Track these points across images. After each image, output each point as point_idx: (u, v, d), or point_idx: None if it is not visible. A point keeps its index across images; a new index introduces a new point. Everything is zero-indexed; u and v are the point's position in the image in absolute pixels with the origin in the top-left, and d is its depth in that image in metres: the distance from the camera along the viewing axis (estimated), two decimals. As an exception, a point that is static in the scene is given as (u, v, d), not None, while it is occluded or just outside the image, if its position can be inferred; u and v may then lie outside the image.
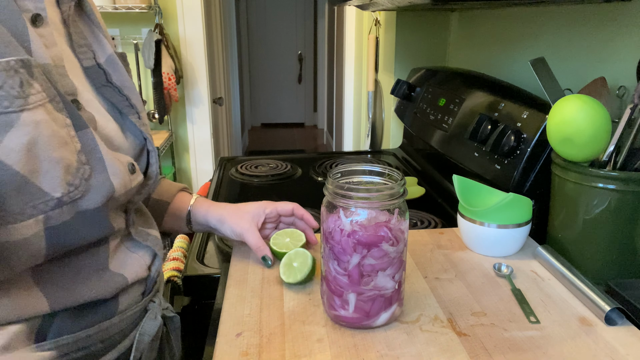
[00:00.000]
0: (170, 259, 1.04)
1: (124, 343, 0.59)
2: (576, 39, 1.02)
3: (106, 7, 2.40)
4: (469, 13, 1.54)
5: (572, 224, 0.80)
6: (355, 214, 0.62)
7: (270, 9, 5.98)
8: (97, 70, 0.58)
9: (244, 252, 0.86)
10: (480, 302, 0.71)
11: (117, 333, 0.58)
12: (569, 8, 1.03)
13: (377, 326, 0.65)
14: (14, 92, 0.42)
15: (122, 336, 0.59)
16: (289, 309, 0.69)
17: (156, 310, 0.64)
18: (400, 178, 0.63)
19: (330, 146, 4.96)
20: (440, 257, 0.85)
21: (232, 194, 1.32)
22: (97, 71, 0.58)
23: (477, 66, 1.46)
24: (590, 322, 0.66)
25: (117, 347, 0.58)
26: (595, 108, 0.74)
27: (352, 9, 2.81)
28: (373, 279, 0.62)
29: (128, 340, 0.60)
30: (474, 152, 1.09)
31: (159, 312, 0.64)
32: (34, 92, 0.44)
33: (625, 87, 0.84)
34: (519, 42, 1.24)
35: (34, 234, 0.47)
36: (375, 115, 2.10)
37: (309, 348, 0.61)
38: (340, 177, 0.66)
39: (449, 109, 1.27)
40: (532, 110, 0.96)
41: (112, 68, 0.59)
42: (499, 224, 0.82)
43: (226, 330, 0.65)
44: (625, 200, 0.74)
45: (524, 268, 0.81)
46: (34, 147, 0.44)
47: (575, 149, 0.76)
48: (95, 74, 0.57)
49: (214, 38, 3.10)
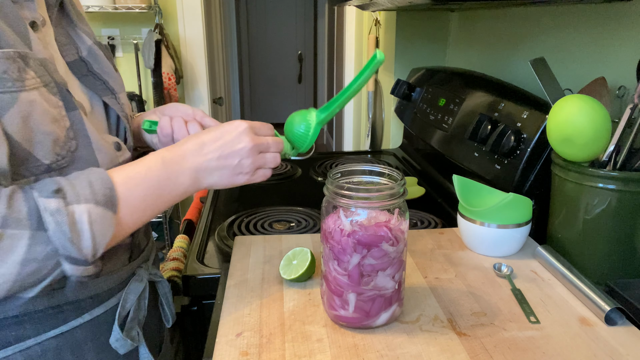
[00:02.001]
0: (170, 259, 1.04)
1: (112, 300, 0.66)
2: (576, 39, 1.02)
3: (106, 7, 2.40)
4: (469, 13, 1.53)
5: (572, 224, 0.80)
6: (355, 214, 0.62)
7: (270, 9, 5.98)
8: (80, 62, 0.66)
9: (244, 252, 0.87)
10: (480, 302, 0.71)
11: (105, 291, 0.65)
12: (569, 8, 1.03)
13: (377, 326, 0.65)
14: (14, 75, 0.52)
15: (110, 294, 0.66)
16: (289, 309, 0.69)
17: (143, 274, 0.70)
18: (400, 178, 0.63)
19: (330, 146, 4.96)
20: (440, 257, 0.85)
21: (232, 194, 1.32)
22: (79, 64, 0.66)
23: (477, 66, 1.46)
24: (590, 322, 0.66)
25: (105, 303, 0.65)
26: (595, 108, 0.74)
27: (352, 9, 2.81)
28: (373, 279, 0.62)
29: (115, 299, 0.66)
30: (474, 152, 1.09)
31: (146, 276, 0.71)
32: (29, 78, 0.54)
33: (625, 87, 0.84)
34: (519, 42, 1.24)
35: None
36: (375, 115, 2.10)
37: (309, 348, 0.61)
38: (340, 177, 0.66)
39: (449, 109, 1.27)
40: (532, 110, 0.96)
41: (93, 59, 0.68)
42: (499, 224, 0.82)
43: (226, 330, 0.65)
44: (625, 200, 0.74)
45: (524, 268, 0.81)
46: (29, 121, 0.53)
47: (575, 149, 0.76)
48: (77, 67, 0.65)
49: (214, 38, 3.10)
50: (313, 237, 0.93)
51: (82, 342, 0.63)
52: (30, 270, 0.50)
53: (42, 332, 0.60)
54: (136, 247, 0.70)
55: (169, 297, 0.78)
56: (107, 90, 0.68)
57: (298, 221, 1.10)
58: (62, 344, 0.61)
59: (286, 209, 1.17)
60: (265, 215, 1.14)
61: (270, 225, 1.08)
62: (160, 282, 0.76)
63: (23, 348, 0.59)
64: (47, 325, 0.60)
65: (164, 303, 0.77)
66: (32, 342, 0.59)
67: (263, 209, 1.17)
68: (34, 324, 0.59)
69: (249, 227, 1.08)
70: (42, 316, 0.60)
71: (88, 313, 0.63)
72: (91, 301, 0.64)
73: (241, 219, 1.12)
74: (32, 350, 0.59)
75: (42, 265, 0.51)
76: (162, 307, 0.78)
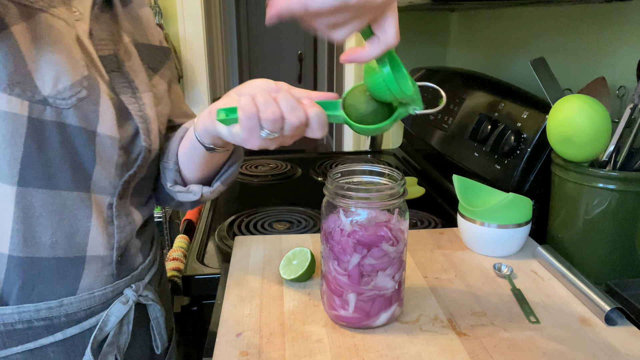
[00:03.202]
0: (170, 259, 1.04)
1: (90, 321, 0.62)
2: (576, 39, 1.02)
3: (106, 7, 2.40)
4: (469, 13, 1.53)
5: (572, 224, 0.80)
6: (355, 214, 0.62)
7: (270, 9, 5.98)
8: (113, 58, 0.64)
9: (244, 252, 0.87)
10: (480, 302, 0.71)
11: (84, 310, 0.61)
12: (569, 8, 1.03)
13: (377, 326, 0.65)
14: None
15: (89, 314, 0.62)
16: (289, 309, 0.69)
17: (130, 296, 0.65)
18: (400, 178, 0.63)
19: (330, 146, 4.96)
20: (440, 257, 0.85)
21: (232, 194, 1.32)
22: (112, 59, 0.64)
23: (477, 66, 1.46)
24: (590, 322, 0.66)
25: (81, 324, 0.61)
26: (595, 108, 0.74)
27: (352, 9, 2.80)
28: (373, 279, 0.62)
29: (94, 319, 0.62)
30: (474, 152, 1.09)
31: (133, 298, 0.66)
32: (75, 12, 0.57)
33: (625, 87, 0.84)
34: (519, 42, 1.24)
35: (17, 113, 0.53)
36: (375, 115, 2.09)
37: (309, 348, 0.61)
38: (340, 177, 0.66)
39: (449, 109, 1.27)
40: (532, 110, 0.96)
41: (127, 57, 0.66)
42: (499, 224, 0.82)
43: (226, 330, 0.65)
44: (625, 200, 0.74)
45: (524, 268, 0.81)
46: (39, 42, 0.52)
47: (575, 149, 0.76)
48: (109, 62, 0.64)
49: (214, 38, 3.10)
50: (313, 237, 0.93)
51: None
52: None
53: (9, 346, 0.58)
54: (124, 264, 0.66)
55: (160, 322, 0.72)
56: (128, 90, 0.65)
57: (298, 221, 1.10)
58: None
59: (286, 209, 1.17)
60: (265, 215, 1.14)
61: (270, 225, 1.08)
62: (151, 305, 0.70)
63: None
64: (15, 339, 0.58)
65: (154, 328, 0.71)
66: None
67: (263, 209, 1.17)
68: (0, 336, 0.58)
69: (249, 227, 1.07)
70: (9, 330, 0.58)
71: (61, 332, 0.60)
72: (65, 320, 0.60)
73: (241, 219, 1.12)
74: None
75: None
76: (152, 332, 0.72)
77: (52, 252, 0.58)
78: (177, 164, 0.70)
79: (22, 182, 0.55)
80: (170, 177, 0.70)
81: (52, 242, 0.58)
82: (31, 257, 0.57)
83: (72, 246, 0.60)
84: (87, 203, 0.60)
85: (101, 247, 0.62)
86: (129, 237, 0.66)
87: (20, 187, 0.55)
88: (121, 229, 0.64)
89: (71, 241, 0.59)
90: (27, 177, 0.55)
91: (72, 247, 0.60)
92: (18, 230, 0.56)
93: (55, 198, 0.57)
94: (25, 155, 0.55)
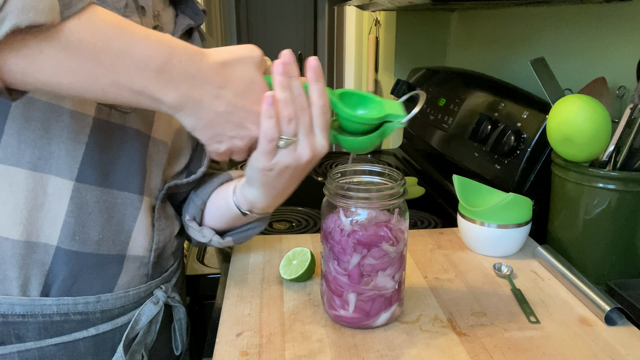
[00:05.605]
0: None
1: (122, 318, 0.64)
2: (576, 39, 1.02)
3: (106, 7, 2.40)
4: (469, 13, 1.53)
5: (572, 224, 0.80)
6: (355, 214, 0.62)
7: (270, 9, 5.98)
8: None
9: (244, 252, 0.87)
10: (480, 302, 0.71)
11: (118, 308, 0.63)
12: (569, 8, 1.03)
13: (377, 326, 0.65)
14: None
15: (122, 312, 0.64)
16: (289, 309, 0.69)
17: (160, 297, 0.68)
18: (400, 178, 0.63)
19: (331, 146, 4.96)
20: (440, 257, 0.85)
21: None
22: None
23: (477, 66, 1.46)
24: (590, 322, 0.66)
25: (114, 320, 0.63)
26: (595, 108, 0.74)
27: (352, 9, 2.81)
28: (373, 279, 0.62)
29: (126, 317, 0.64)
30: (474, 152, 1.09)
31: (163, 299, 0.68)
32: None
33: (625, 87, 0.84)
34: (519, 42, 1.24)
35: (85, 113, 0.56)
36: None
37: (309, 348, 0.61)
38: (340, 177, 0.66)
39: (449, 109, 1.27)
40: (532, 110, 0.96)
41: None
42: (499, 224, 0.82)
43: (226, 330, 0.65)
44: (625, 200, 0.74)
45: (524, 268, 0.81)
46: None
47: (575, 149, 0.76)
48: None
49: (214, 38, 3.10)
50: (313, 237, 0.93)
51: (83, 355, 0.62)
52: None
53: (45, 337, 0.59)
54: (158, 265, 0.68)
55: (183, 323, 0.74)
56: None
57: (298, 221, 1.10)
58: (62, 353, 0.60)
59: (286, 209, 1.17)
60: (265, 215, 1.14)
61: (270, 225, 1.08)
62: (176, 307, 0.72)
63: (21, 349, 0.58)
64: (51, 331, 0.59)
65: (176, 329, 0.74)
66: (31, 344, 0.58)
67: (263, 209, 1.17)
68: (37, 327, 0.58)
69: (249, 227, 1.07)
70: (47, 321, 0.59)
71: (94, 327, 0.62)
72: (100, 316, 0.62)
73: (241, 219, 1.12)
74: (30, 353, 0.59)
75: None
76: (174, 333, 0.74)
77: (97, 249, 0.60)
78: (204, 204, 0.71)
79: (80, 178, 0.57)
80: (192, 212, 0.72)
81: (99, 238, 0.60)
82: (77, 252, 0.59)
83: (116, 244, 0.61)
84: (136, 204, 0.62)
85: (141, 247, 0.64)
86: (167, 239, 0.68)
87: (78, 183, 0.57)
88: (161, 232, 0.66)
89: (115, 239, 0.61)
90: (85, 174, 0.57)
91: (115, 245, 0.61)
92: (69, 224, 0.58)
93: (108, 196, 0.60)
94: (87, 153, 0.57)
